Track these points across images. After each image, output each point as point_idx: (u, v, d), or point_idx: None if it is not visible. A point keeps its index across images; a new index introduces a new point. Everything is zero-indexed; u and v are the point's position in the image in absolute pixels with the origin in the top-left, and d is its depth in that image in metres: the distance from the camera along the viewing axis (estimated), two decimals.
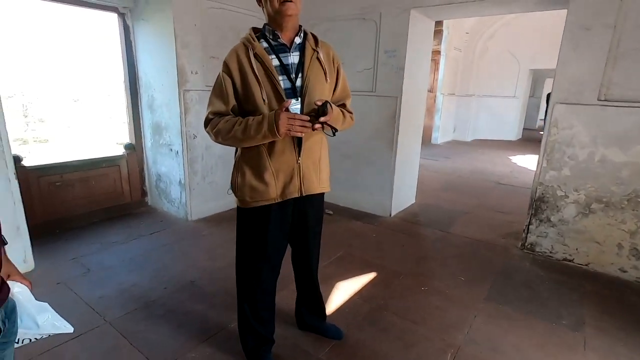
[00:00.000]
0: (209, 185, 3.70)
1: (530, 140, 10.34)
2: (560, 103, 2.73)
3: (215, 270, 2.63)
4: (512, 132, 10.27)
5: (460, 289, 2.52)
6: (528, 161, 7.21)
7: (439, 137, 9.16)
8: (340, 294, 2.41)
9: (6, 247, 0.97)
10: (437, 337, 2.01)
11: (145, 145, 3.82)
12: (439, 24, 8.31)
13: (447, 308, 2.29)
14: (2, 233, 0.94)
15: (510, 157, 7.68)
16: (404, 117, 3.62)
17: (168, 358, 1.80)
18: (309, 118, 1.35)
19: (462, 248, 3.17)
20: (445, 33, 8.52)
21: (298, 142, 1.46)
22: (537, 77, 12.42)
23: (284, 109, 1.31)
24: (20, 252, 2.51)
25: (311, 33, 1.54)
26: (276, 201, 1.49)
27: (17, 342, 0.97)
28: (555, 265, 2.87)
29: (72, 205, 3.39)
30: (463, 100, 9.80)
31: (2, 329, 0.85)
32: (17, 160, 2.80)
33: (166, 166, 3.65)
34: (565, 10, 2.68)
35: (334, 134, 1.46)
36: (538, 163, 2.93)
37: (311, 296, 1.91)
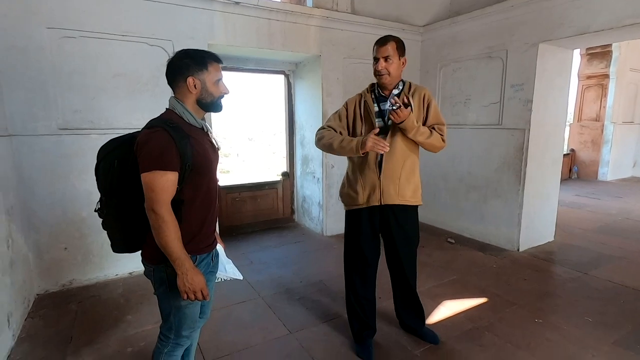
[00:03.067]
0: (341, 208, 4.34)
1: None
2: None
3: (339, 275, 3.13)
4: None
5: (583, 329, 2.36)
6: None
7: (608, 173, 7.75)
8: (445, 310, 2.60)
9: None
10: None
11: (296, 173, 4.81)
12: (606, 45, 7.33)
13: (560, 342, 2.22)
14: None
15: None
16: (534, 149, 3.54)
17: (298, 327, 2.42)
18: (388, 144, 1.80)
19: (601, 292, 2.86)
20: (615, 54, 7.41)
21: (379, 165, 1.94)
22: None
23: (373, 134, 1.82)
24: None
25: (409, 83, 2.01)
26: (363, 206, 2.00)
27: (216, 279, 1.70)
28: None
29: (244, 215, 4.56)
30: None
31: (213, 261, 1.57)
32: None
33: (310, 190, 4.51)
34: None
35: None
36: None
37: (408, 299, 2.24)
